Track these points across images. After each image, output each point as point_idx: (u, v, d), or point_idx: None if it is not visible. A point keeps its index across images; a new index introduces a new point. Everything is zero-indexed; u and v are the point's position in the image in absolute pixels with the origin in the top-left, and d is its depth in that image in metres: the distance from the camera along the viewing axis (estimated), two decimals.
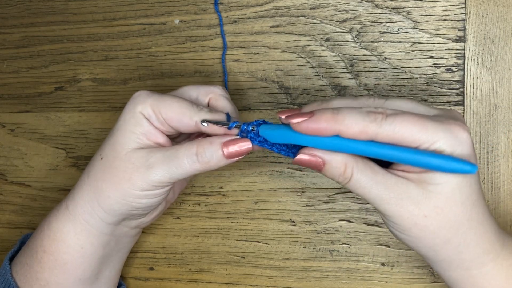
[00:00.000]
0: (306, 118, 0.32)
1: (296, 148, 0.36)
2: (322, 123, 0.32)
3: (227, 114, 0.39)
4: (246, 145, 0.37)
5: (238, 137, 0.37)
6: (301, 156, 0.34)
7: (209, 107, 0.40)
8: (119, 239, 0.43)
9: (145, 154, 0.37)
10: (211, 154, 0.37)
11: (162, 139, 0.38)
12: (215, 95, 0.40)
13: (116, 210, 0.39)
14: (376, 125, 0.31)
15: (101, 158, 0.39)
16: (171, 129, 0.38)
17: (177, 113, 0.37)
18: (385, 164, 0.34)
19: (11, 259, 0.44)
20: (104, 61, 0.50)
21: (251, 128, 0.36)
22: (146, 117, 0.38)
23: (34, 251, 0.41)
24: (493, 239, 0.34)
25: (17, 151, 0.53)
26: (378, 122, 0.31)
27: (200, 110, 0.37)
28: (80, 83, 0.51)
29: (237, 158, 0.37)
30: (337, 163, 0.33)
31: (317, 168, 0.34)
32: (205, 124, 0.37)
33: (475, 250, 0.34)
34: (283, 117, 0.34)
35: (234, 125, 0.37)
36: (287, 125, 0.34)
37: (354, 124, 0.31)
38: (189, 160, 0.37)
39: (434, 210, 0.32)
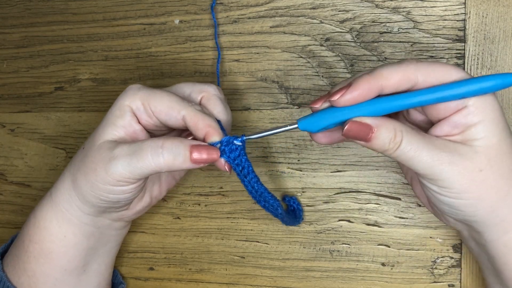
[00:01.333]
0: (345, 91, 0.32)
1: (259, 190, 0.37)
2: (363, 86, 0.32)
3: (218, 121, 0.38)
4: (214, 154, 0.35)
5: (207, 144, 0.36)
6: (351, 126, 0.32)
7: (201, 105, 0.39)
8: (103, 231, 0.42)
9: (113, 145, 0.36)
10: (178, 152, 0.35)
11: (141, 136, 0.38)
12: (208, 94, 0.39)
13: (88, 201, 0.38)
14: (413, 67, 0.32)
15: (83, 148, 0.39)
16: (159, 123, 0.38)
17: (166, 106, 0.37)
18: None
19: (3, 254, 0.44)
20: (104, 61, 0.50)
21: (233, 143, 0.36)
22: (134, 109, 0.37)
23: (21, 241, 0.41)
24: None
25: (17, 151, 0.53)
26: (414, 65, 0.32)
27: (190, 106, 0.37)
28: (80, 83, 0.51)
29: (201, 165, 0.35)
30: (387, 127, 0.32)
31: (365, 137, 0.33)
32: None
33: None
34: (317, 106, 0.34)
35: (234, 141, 0.36)
36: (326, 109, 0.34)
37: (393, 73, 0.32)
38: (153, 154, 0.35)
39: (488, 163, 0.32)
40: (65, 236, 0.40)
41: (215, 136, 0.36)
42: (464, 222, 0.36)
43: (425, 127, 0.36)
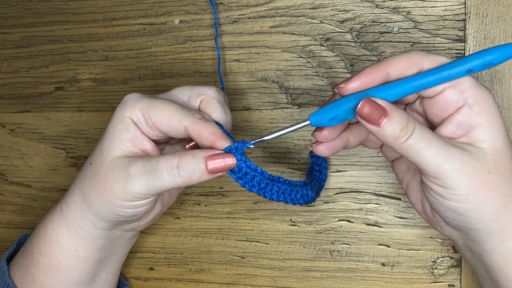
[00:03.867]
0: (352, 79, 0.33)
1: (267, 185, 0.37)
2: (370, 70, 0.33)
3: (217, 123, 0.38)
4: (231, 160, 0.35)
5: (221, 151, 0.35)
6: (364, 104, 0.32)
7: (200, 111, 0.39)
8: (114, 242, 0.42)
9: (127, 163, 0.36)
10: (193, 168, 0.35)
11: (148, 146, 0.38)
12: (207, 97, 0.39)
13: (103, 217, 0.38)
14: (419, 53, 0.33)
15: (90, 164, 0.38)
16: (161, 133, 0.37)
17: (167, 117, 0.36)
18: None
19: (9, 260, 0.44)
20: (104, 61, 0.50)
21: (242, 148, 0.35)
22: (135, 121, 0.37)
23: (31, 252, 0.41)
24: None
25: (17, 151, 0.53)
26: (420, 51, 0.33)
27: (191, 115, 0.36)
28: (80, 83, 0.51)
29: (220, 174, 0.35)
30: (401, 114, 0.32)
31: (377, 120, 0.32)
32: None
33: None
34: (342, 86, 0.34)
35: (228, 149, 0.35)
36: (336, 100, 0.34)
37: (400, 58, 0.33)
38: (170, 174, 0.35)
39: (494, 166, 0.32)
40: (76, 250, 0.40)
41: (223, 142, 0.35)
42: (463, 230, 0.35)
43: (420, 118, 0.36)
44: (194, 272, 0.50)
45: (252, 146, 0.36)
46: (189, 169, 0.35)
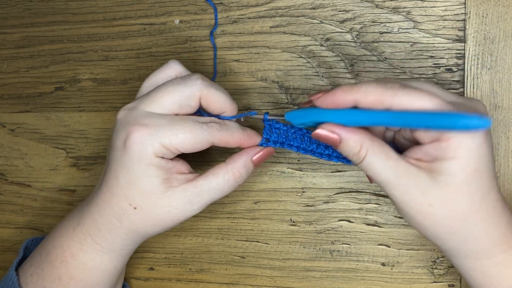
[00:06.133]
0: (324, 94, 0.34)
1: (307, 145, 0.40)
2: (340, 94, 0.33)
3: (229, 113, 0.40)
4: (270, 152, 0.41)
5: (261, 147, 0.40)
6: (320, 131, 0.34)
7: (203, 108, 0.40)
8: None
9: (184, 194, 0.38)
10: (247, 173, 0.39)
11: (183, 168, 0.39)
12: (201, 93, 0.38)
13: (153, 236, 0.41)
14: (392, 93, 0.32)
15: (135, 208, 0.38)
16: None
17: (193, 143, 0.37)
18: (400, 151, 0.35)
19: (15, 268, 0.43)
20: (104, 61, 0.50)
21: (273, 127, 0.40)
22: (161, 156, 0.37)
23: (56, 277, 0.41)
24: (505, 231, 0.34)
25: (17, 151, 0.53)
26: (394, 91, 0.32)
27: (211, 131, 0.38)
28: (80, 83, 0.51)
29: (260, 164, 0.41)
30: (354, 142, 0.34)
31: (334, 144, 0.35)
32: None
33: (484, 242, 0.34)
34: (312, 98, 0.36)
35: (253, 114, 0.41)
36: (307, 108, 0.36)
37: (371, 92, 0.32)
38: (230, 186, 0.39)
39: (439, 200, 0.32)
40: (115, 267, 0.42)
41: (252, 140, 0.40)
42: None
43: (410, 145, 0.36)
44: (194, 272, 0.50)
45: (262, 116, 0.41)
46: (243, 176, 0.39)
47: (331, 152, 0.40)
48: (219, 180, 0.38)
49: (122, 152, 0.37)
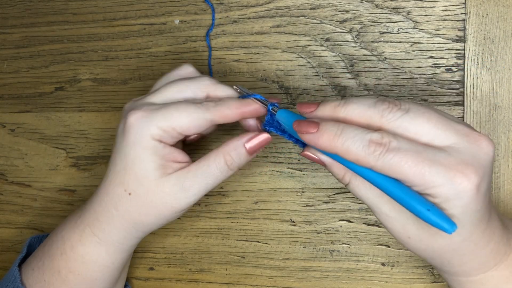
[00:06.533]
0: (312, 131, 0.33)
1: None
2: (323, 141, 0.32)
3: (239, 88, 0.40)
4: (265, 138, 0.38)
5: (255, 133, 0.38)
6: (307, 153, 0.35)
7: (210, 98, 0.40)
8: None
9: (177, 180, 0.37)
10: (239, 158, 0.38)
11: (180, 157, 0.38)
12: (209, 88, 0.39)
13: (154, 229, 0.40)
14: (373, 158, 0.30)
15: (129, 194, 0.38)
16: (182, 135, 0.38)
17: (189, 121, 0.37)
18: None
19: (19, 264, 0.44)
20: (104, 61, 0.50)
21: (271, 109, 0.38)
22: (159, 139, 0.37)
23: (55, 270, 0.41)
24: (494, 253, 0.33)
25: (17, 151, 0.53)
26: (376, 156, 0.30)
27: (208, 108, 0.37)
28: (80, 83, 0.51)
29: (261, 150, 0.39)
30: (337, 169, 0.34)
31: (321, 165, 0.35)
32: (236, 87, 0.39)
33: (471, 265, 0.34)
34: (308, 110, 0.36)
35: (258, 98, 0.38)
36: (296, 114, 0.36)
37: (353, 151, 0.31)
38: (222, 171, 0.38)
39: (417, 237, 0.33)
40: (113, 263, 0.41)
41: (250, 107, 0.38)
42: None
43: None
44: (194, 272, 0.50)
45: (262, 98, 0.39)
46: (236, 161, 0.38)
47: None
48: (210, 164, 0.38)
49: (121, 138, 0.38)
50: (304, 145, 0.37)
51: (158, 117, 0.37)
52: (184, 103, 0.37)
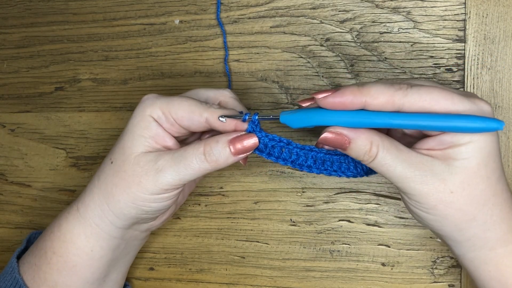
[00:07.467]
0: (331, 93, 0.32)
1: (297, 156, 0.37)
2: (348, 96, 0.32)
3: (240, 112, 0.38)
4: (252, 140, 0.37)
5: (243, 133, 0.37)
6: (327, 135, 0.33)
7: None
8: (128, 242, 0.43)
9: (154, 157, 0.37)
10: (218, 152, 0.36)
11: (170, 142, 0.38)
12: (225, 97, 0.41)
13: (126, 214, 0.39)
14: (402, 93, 0.31)
15: (111, 162, 0.39)
16: (182, 129, 0.38)
17: (187, 111, 0.37)
18: (409, 145, 0.34)
19: (18, 257, 0.44)
20: (104, 61, 0.50)
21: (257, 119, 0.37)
22: (156, 119, 0.38)
23: (43, 251, 0.41)
24: None
25: (17, 151, 0.53)
26: (404, 91, 0.31)
27: (210, 107, 0.37)
28: (80, 83, 0.51)
29: (246, 154, 0.37)
30: (363, 140, 0.33)
31: (342, 147, 0.34)
32: (223, 119, 0.37)
33: (501, 227, 0.34)
34: (305, 104, 0.35)
35: (247, 117, 0.37)
36: (309, 109, 0.34)
37: (380, 94, 0.32)
38: (198, 160, 0.36)
39: (460, 186, 0.32)
40: (92, 250, 0.40)
41: (244, 124, 0.37)
42: (435, 233, 0.37)
43: (417, 137, 0.36)
44: (194, 272, 0.50)
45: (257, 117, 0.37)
46: (215, 154, 0.36)
47: (312, 163, 0.37)
48: (188, 149, 0.37)
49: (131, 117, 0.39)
50: (284, 163, 0.37)
51: (163, 100, 0.38)
52: (192, 98, 0.38)
